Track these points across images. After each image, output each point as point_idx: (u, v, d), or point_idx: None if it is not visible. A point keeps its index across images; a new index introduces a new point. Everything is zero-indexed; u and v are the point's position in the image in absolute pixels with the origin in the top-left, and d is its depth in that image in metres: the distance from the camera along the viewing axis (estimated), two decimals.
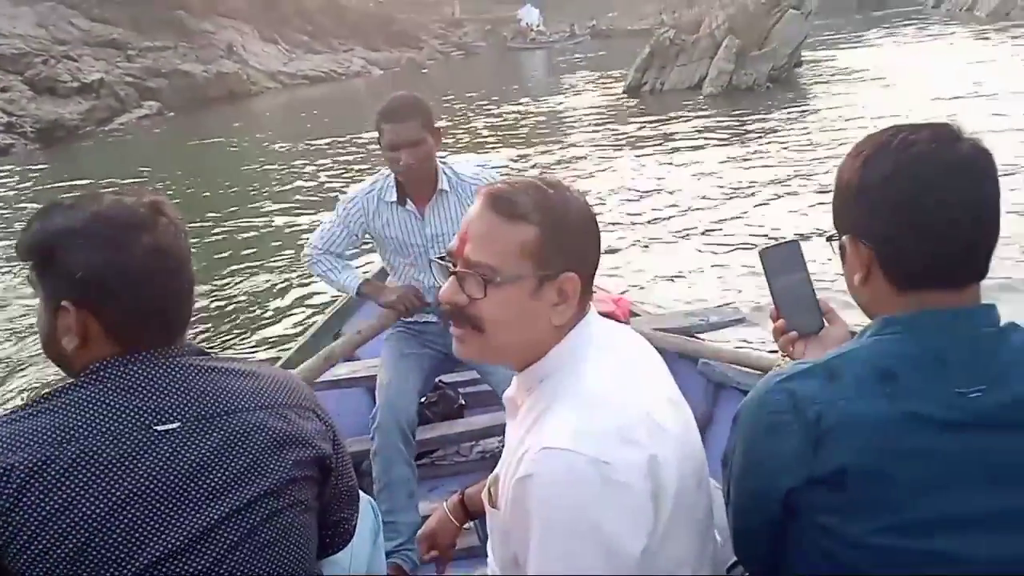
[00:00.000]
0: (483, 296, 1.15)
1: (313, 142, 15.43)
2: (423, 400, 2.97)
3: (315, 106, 24.33)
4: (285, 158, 14.33)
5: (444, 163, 2.66)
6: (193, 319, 1.30)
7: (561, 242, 1.15)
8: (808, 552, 1.11)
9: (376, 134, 2.57)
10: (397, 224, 2.66)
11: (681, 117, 13.97)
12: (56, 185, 13.25)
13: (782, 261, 1.34)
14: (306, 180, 12.02)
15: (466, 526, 1.56)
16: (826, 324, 1.34)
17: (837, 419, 1.05)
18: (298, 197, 10.82)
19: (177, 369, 1.19)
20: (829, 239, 1.19)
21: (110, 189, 1.25)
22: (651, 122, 13.87)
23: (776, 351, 1.45)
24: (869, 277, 1.13)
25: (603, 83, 21.25)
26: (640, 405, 1.12)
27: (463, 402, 3.29)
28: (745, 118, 13.13)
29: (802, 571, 1.13)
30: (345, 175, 12.08)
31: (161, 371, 1.18)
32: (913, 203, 1.07)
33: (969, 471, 1.04)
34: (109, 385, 1.15)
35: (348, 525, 1.45)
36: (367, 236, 2.77)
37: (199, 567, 1.13)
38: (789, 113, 13.25)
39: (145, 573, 1.09)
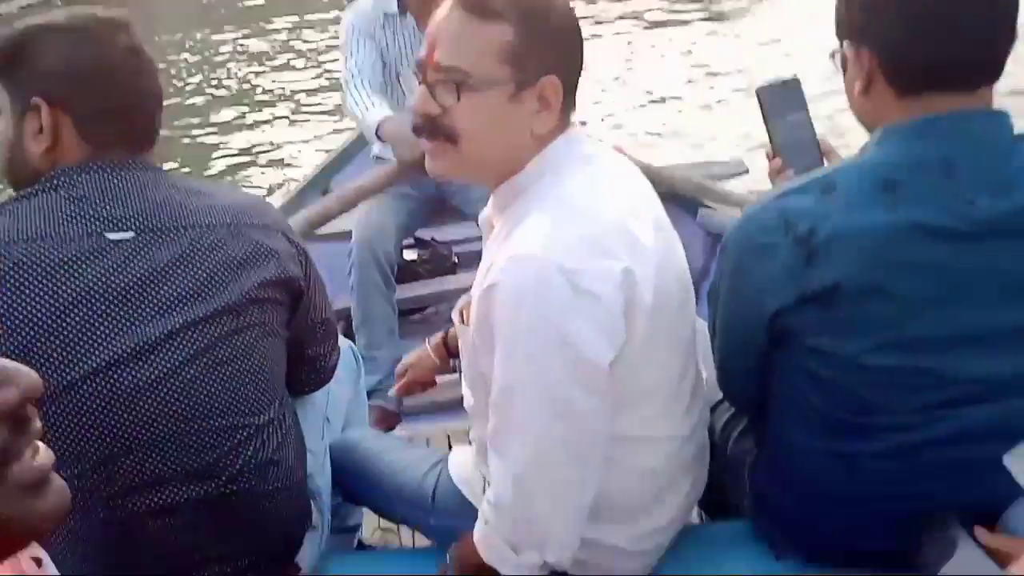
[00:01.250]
0: (456, 102, 1.08)
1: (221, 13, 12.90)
2: (414, 257, 3.03)
3: None
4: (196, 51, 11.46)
5: None
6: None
7: (541, 42, 1.08)
8: (796, 379, 1.09)
9: None
10: (395, 41, 2.52)
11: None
12: None
13: (782, 99, 1.30)
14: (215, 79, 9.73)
15: (451, 376, 1.55)
16: (826, 164, 1.28)
17: (831, 231, 1.02)
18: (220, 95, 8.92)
19: (134, 181, 1.17)
20: (832, 55, 1.14)
21: None
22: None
23: None
24: (871, 85, 1.09)
25: None
26: (620, 219, 1.08)
27: (456, 260, 3.18)
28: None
29: (787, 400, 1.13)
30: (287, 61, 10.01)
31: (118, 181, 1.16)
32: (919, 3, 1.02)
33: (978, 284, 1.01)
34: (63, 193, 1.14)
35: (325, 363, 1.43)
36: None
37: (146, 377, 1.12)
38: None
39: (89, 378, 1.08)
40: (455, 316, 1.26)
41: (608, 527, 1.17)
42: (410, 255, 3.08)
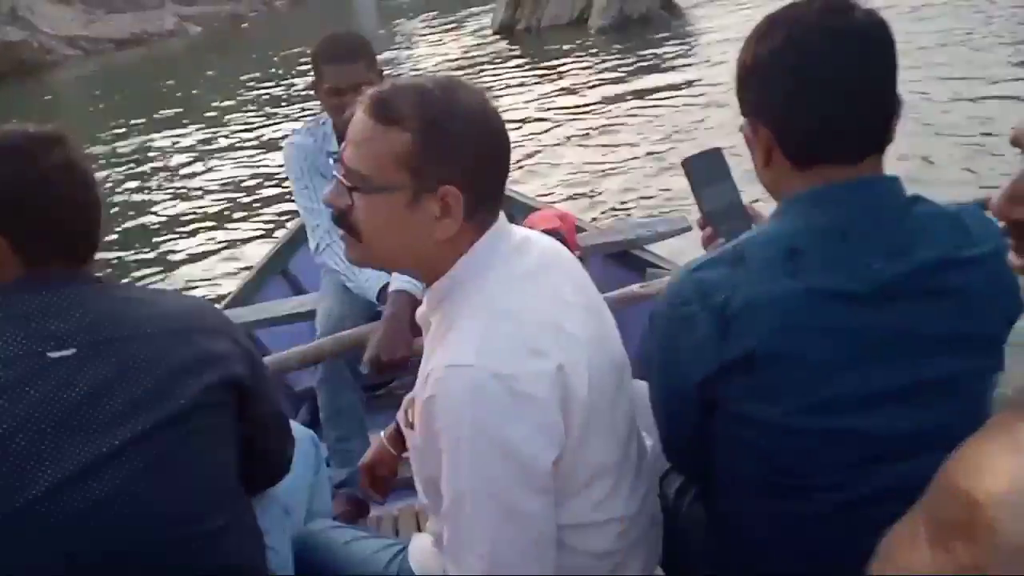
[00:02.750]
0: (351, 203, 1.12)
1: (134, 122, 13.23)
2: None
3: (128, 76, 21.89)
4: (103, 142, 12.05)
5: None
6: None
7: (441, 151, 1.08)
8: (731, 445, 1.13)
9: (309, 75, 2.33)
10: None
11: (572, 56, 12.07)
12: None
13: (706, 169, 1.35)
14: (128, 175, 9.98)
15: (406, 455, 1.46)
16: (753, 228, 1.30)
17: (743, 302, 1.05)
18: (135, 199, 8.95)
19: (74, 295, 1.16)
20: (740, 129, 1.18)
21: None
22: (537, 65, 12.00)
23: None
24: (770, 158, 1.13)
25: (461, 25, 19.29)
26: (547, 315, 1.09)
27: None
28: (650, 50, 11.41)
29: (727, 466, 1.16)
30: (188, 162, 10.26)
31: (58, 297, 1.15)
32: (800, 74, 1.07)
33: (879, 345, 1.04)
34: (1, 313, 1.13)
35: (279, 458, 1.42)
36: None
37: (95, 496, 1.09)
38: (695, 40, 11.89)
39: (39, 502, 1.05)
40: (400, 417, 1.26)
41: None
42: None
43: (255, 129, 11.16)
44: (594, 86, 10.10)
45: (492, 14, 16.09)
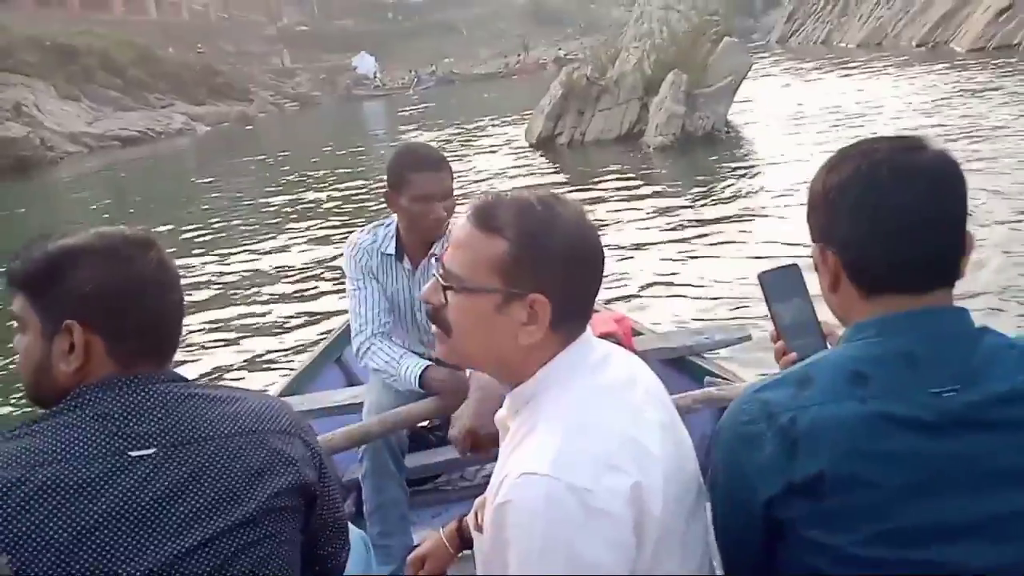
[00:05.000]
0: (444, 302, 1.17)
1: (137, 223, 11.82)
2: (425, 424, 2.87)
3: (133, 175, 20.73)
4: None
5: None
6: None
7: (535, 262, 1.13)
8: (796, 570, 1.10)
9: (383, 184, 2.44)
10: (393, 280, 2.53)
11: (622, 173, 10.67)
12: None
13: (782, 284, 1.36)
14: None
15: (463, 554, 1.53)
16: (828, 347, 1.31)
17: (810, 423, 1.05)
18: None
19: (156, 395, 1.18)
20: (812, 254, 1.20)
21: None
22: (583, 181, 10.59)
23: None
24: (838, 284, 1.15)
25: (492, 134, 18.18)
26: (626, 431, 1.10)
27: None
28: (711, 168, 10.24)
29: None
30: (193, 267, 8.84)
31: (140, 397, 1.17)
32: (870, 208, 1.10)
33: (952, 474, 1.03)
34: (87, 411, 1.14)
35: (336, 560, 1.42)
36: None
37: None
38: (752, 160, 10.73)
39: None
40: (470, 520, 1.30)
41: None
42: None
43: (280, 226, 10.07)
44: (646, 202, 9.11)
45: (527, 125, 14.98)
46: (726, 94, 12.28)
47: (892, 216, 1.07)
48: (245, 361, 5.91)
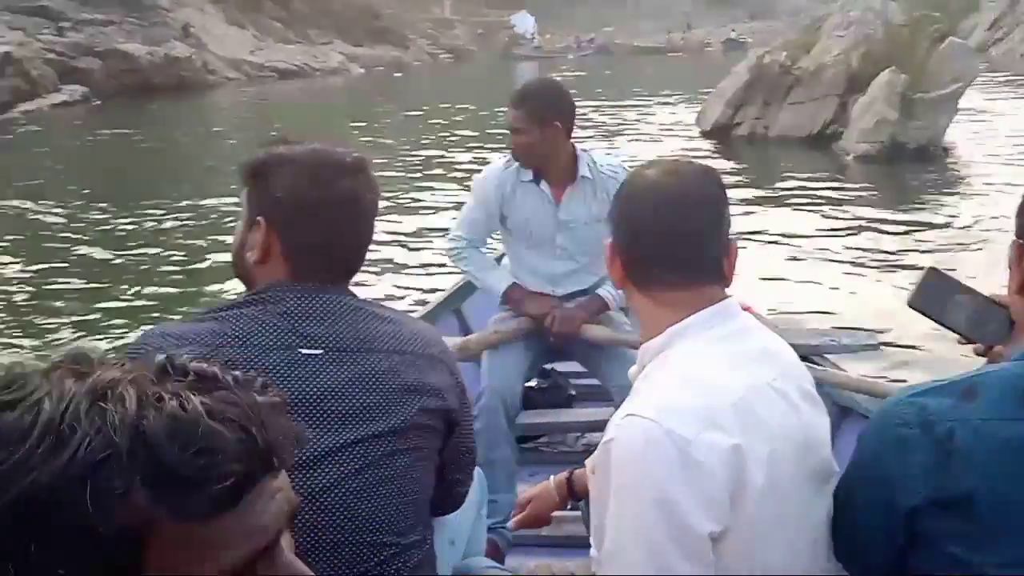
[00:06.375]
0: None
1: None
2: (532, 384, 3.05)
3: (286, 106, 20.67)
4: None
5: (585, 151, 2.66)
6: None
7: (619, 222, 1.26)
8: None
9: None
10: (529, 205, 2.65)
11: (809, 180, 9.18)
12: None
13: (934, 295, 1.31)
14: None
15: (570, 510, 1.68)
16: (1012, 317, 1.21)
17: (970, 438, 1.00)
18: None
19: (329, 303, 1.27)
20: (1011, 246, 1.14)
21: None
22: (763, 184, 9.24)
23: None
24: None
25: (655, 113, 16.64)
26: (740, 395, 1.10)
27: (573, 393, 3.22)
28: (921, 197, 8.51)
29: None
30: None
31: (316, 303, 1.26)
32: None
33: None
34: (269, 307, 1.25)
35: (462, 488, 1.49)
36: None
37: (315, 485, 1.19)
38: (972, 190, 8.92)
39: None
40: (588, 464, 1.30)
41: None
42: (529, 382, 2.92)
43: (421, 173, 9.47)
44: (833, 218, 7.89)
45: (701, 109, 13.57)
46: (949, 103, 10.31)
47: None
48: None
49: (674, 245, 1.19)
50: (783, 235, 7.27)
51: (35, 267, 6.79)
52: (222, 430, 0.56)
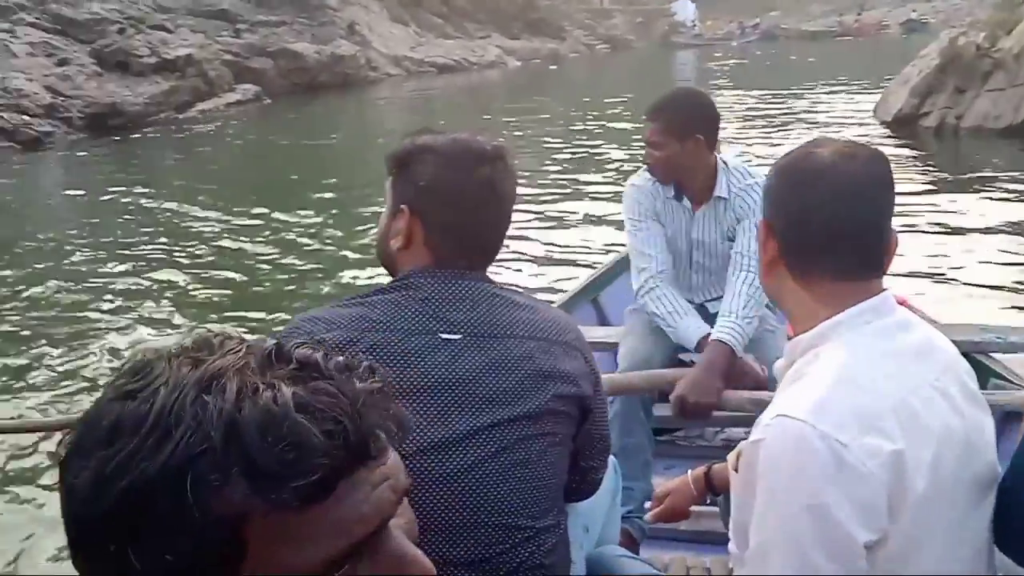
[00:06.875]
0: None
1: None
2: None
3: (445, 99, 21.10)
4: None
5: (726, 164, 2.50)
6: None
7: (775, 206, 1.19)
8: None
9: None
10: (671, 220, 2.56)
11: (1014, 189, 7.96)
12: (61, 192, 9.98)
13: None
14: None
15: (708, 505, 1.63)
16: None
17: None
18: None
19: (468, 289, 1.31)
20: None
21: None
22: (955, 185, 8.30)
23: None
24: None
25: (822, 102, 15.59)
26: (903, 397, 1.05)
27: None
28: None
29: None
30: None
31: (456, 289, 1.30)
32: None
33: None
34: (411, 293, 1.29)
35: (595, 475, 1.50)
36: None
37: (451, 467, 1.22)
38: None
39: (405, 460, 1.08)
40: (730, 460, 1.29)
41: None
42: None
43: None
44: None
45: (880, 97, 12.37)
46: None
47: None
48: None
49: (849, 236, 1.12)
50: (973, 229, 6.73)
51: (196, 259, 7.07)
52: (308, 424, 0.56)
